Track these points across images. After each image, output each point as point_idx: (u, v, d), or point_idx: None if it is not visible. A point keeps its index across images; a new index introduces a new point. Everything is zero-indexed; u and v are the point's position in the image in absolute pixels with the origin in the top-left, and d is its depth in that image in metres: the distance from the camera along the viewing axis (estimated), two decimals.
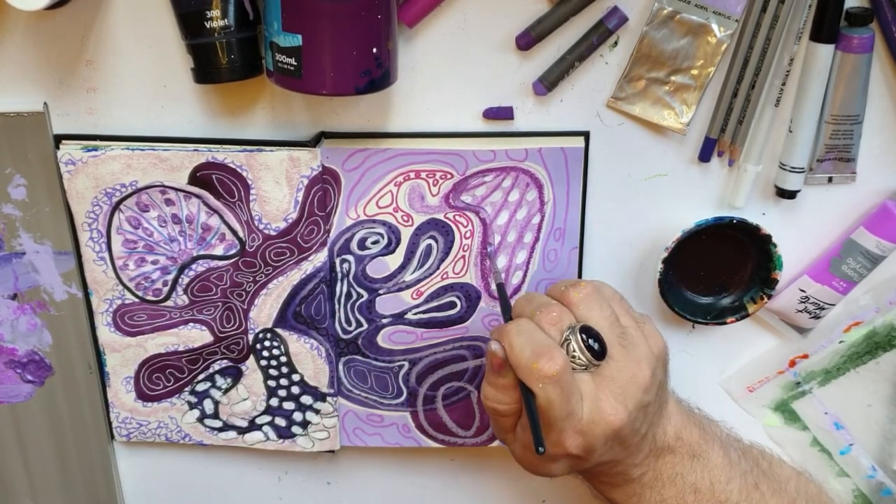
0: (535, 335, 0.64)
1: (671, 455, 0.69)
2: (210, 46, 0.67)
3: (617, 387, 0.65)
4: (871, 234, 0.75)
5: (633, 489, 0.69)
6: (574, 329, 0.65)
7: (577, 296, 0.67)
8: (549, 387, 0.62)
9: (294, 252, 0.76)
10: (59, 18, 0.70)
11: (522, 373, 0.64)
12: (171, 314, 0.78)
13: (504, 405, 0.67)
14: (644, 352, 0.67)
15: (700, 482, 0.69)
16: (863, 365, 0.81)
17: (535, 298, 0.68)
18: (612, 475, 0.69)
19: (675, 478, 0.69)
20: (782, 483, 0.74)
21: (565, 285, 0.69)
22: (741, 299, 0.78)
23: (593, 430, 0.64)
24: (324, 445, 0.83)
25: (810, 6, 0.69)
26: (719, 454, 0.71)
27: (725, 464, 0.71)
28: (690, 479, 0.69)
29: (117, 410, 0.82)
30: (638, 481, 0.69)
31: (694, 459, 0.70)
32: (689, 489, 0.69)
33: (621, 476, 0.69)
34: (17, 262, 0.77)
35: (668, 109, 0.72)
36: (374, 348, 0.80)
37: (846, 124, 0.72)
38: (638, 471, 0.69)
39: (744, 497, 0.70)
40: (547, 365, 0.62)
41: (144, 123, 0.73)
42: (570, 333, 0.65)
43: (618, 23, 0.69)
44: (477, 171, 0.73)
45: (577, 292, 0.67)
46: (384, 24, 0.64)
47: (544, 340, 0.64)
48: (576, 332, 0.65)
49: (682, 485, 0.69)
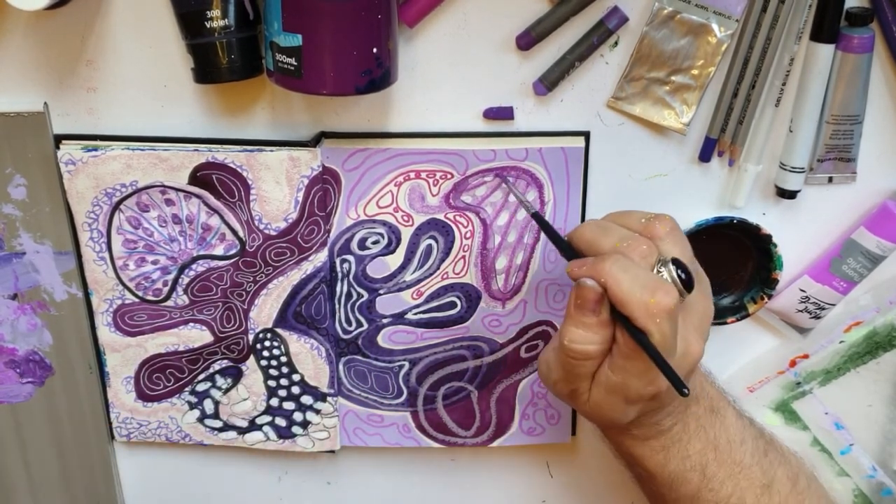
0: (639, 271, 0.61)
1: (696, 405, 0.68)
2: (210, 46, 0.67)
3: (696, 319, 0.65)
4: (871, 234, 0.75)
5: (662, 443, 0.68)
6: (666, 262, 0.63)
7: (663, 229, 0.65)
8: (665, 322, 0.60)
9: (294, 252, 0.76)
10: (59, 18, 0.70)
11: (637, 309, 0.60)
12: (172, 314, 0.78)
13: (596, 345, 0.63)
14: (707, 287, 0.67)
15: (719, 439, 0.69)
16: (863, 365, 0.81)
17: (610, 228, 0.65)
18: (647, 426, 0.68)
19: (699, 431, 0.68)
20: (785, 456, 0.74)
21: (645, 217, 0.66)
22: (741, 299, 0.78)
23: (682, 363, 0.63)
24: (324, 445, 0.83)
25: (810, 6, 0.69)
26: (733, 414, 0.71)
27: (739, 424, 0.70)
28: (711, 434, 0.69)
29: (117, 410, 0.82)
30: (667, 433, 0.68)
31: (713, 414, 0.69)
32: (710, 445, 0.69)
33: (655, 427, 0.68)
34: (18, 262, 0.77)
35: (668, 109, 0.72)
36: (374, 348, 0.80)
37: (846, 124, 0.72)
38: (669, 420, 0.67)
39: (755, 461, 0.70)
40: (665, 299, 0.60)
41: (144, 123, 0.73)
42: (662, 266, 0.63)
43: (618, 23, 0.69)
44: (477, 171, 0.73)
45: (663, 226, 0.65)
46: (384, 23, 0.64)
47: (652, 275, 0.61)
48: (668, 264, 0.63)
49: (704, 440, 0.69)
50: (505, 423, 0.82)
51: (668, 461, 0.69)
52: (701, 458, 0.69)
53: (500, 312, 0.78)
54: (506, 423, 0.82)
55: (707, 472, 0.69)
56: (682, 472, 0.69)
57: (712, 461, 0.69)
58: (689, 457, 0.69)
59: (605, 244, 0.64)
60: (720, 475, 0.69)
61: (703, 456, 0.69)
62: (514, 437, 0.82)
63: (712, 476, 0.69)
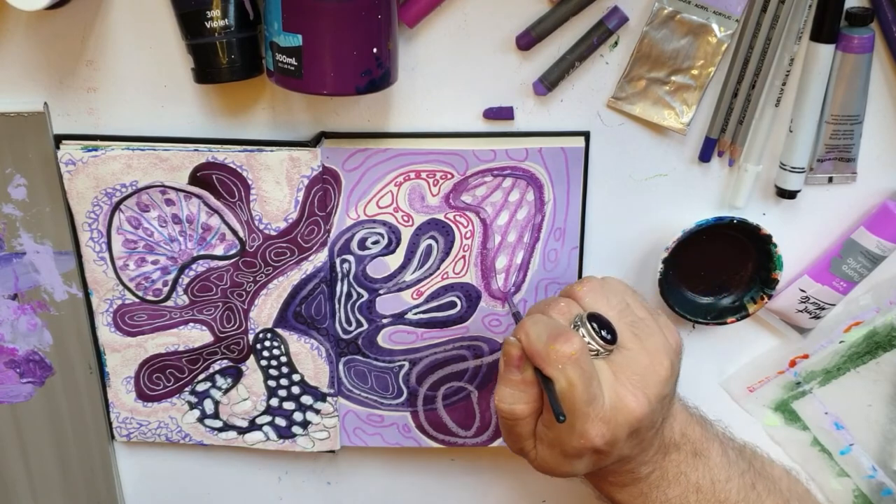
0: (549, 321, 0.65)
1: (676, 453, 0.69)
2: (210, 46, 0.67)
3: (634, 375, 0.64)
4: (871, 234, 0.75)
5: (640, 489, 0.69)
6: (581, 317, 0.65)
7: (581, 289, 0.67)
8: (569, 367, 0.62)
9: (294, 252, 0.76)
10: (59, 18, 0.70)
11: (540, 358, 0.63)
12: (172, 314, 0.78)
13: (522, 404, 0.65)
14: (661, 342, 0.66)
15: (702, 481, 0.69)
16: (863, 365, 0.81)
17: (543, 300, 0.69)
18: (622, 474, 0.69)
19: (679, 476, 0.69)
20: (776, 482, 0.74)
21: (571, 284, 0.69)
22: (741, 299, 0.78)
23: (616, 417, 0.63)
24: (324, 445, 0.83)
25: (810, 6, 0.69)
26: (719, 452, 0.71)
27: (724, 462, 0.71)
28: (693, 477, 0.69)
29: (117, 410, 0.82)
30: (645, 480, 0.69)
31: (696, 457, 0.70)
32: (692, 488, 0.69)
33: (630, 475, 0.69)
34: (18, 262, 0.77)
35: (668, 109, 0.72)
36: (374, 348, 0.80)
37: (846, 124, 0.72)
38: (646, 469, 0.68)
39: (742, 497, 0.70)
40: (564, 345, 0.62)
41: (145, 123, 0.73)
42: (579, 321, 0.65)
43: (618, 23, 0.69)
44: (477, 171, 0.73)
45: (580, 286, 0.68)
46: (384, 24, 0.64)
47: (559, 325, 0.64)
48: (583, 319, 0.65)
49: (685, 484, 0.69)
50: None
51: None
52: (682, 501, 0.70)
53: (500, 312, 0.78)
54: None
55: None
56: None
57: (694, 503, 0.69)
58: (668, 500, 0.69)
59: (535, 310, 0.68)
60: None
61: (685, 499, 0.70)
62: None
63: None
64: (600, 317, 0.65)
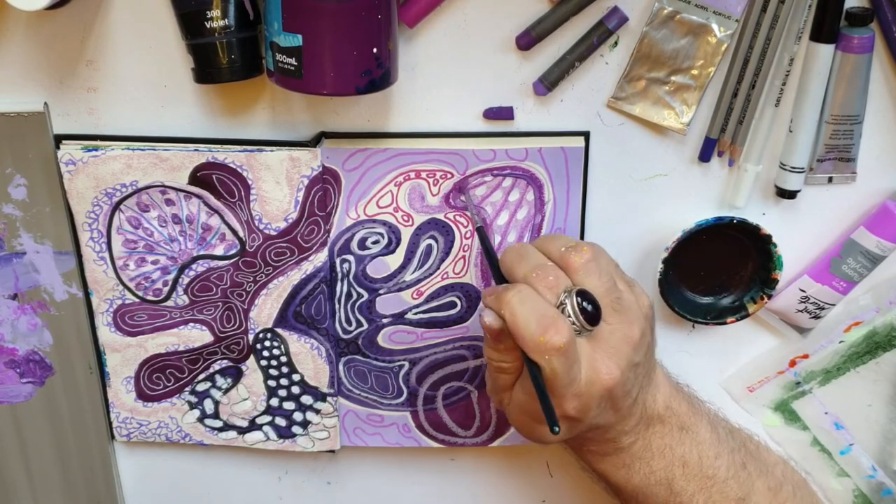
0: (538, 304, 0.62)
1: (661, 425, 0.69)
2: (210, 46, 0.67)
3: (610, 347, 0.64)
4: (871, 234, 0.75)
5: (623, 459, 0.69)
6: (570, 293, 0.63)
7: (578, 260, 0.65)
8: (556, 358, 0.61)
9: (294, 252, 0.76)
10: (59, 18, 0.70)
11: (527, 346, 0.61)
12: (172, 314, 0.78)
13: (507, 363, 0.65)
14: (636, 313, 0.66)
15: (688, 455, 0.69)
16: (863, 365, 0.81)
17: (527, 255, 0.66)
18: (603, 443, 0.68)
19: (664, 449, 0.69)
20: (769, 466, 0.73)
21: (565, 246, 0.66)
22: (741, 299, 0.78)
23: (589, 390, 0.63)
24: (324, 445, 0.83)
25: (810, 6, 0.69)
26: (707, 429, 0.70)
27: (714, 439, 0.70)
28: (679, 451, 0.69)
29: (117, 410, 0.82)
30: (627, 451, 0.68)
31: (683, 431, 0.69)
32: (677, 462, 0.69)
33: (612, 444, 0.68)
34: (18, 262, 0.77)
35: (668, 109, 0.72)
36: (374, 348, 0.80)
37: (846, 124, 0.72)
38: (628, 439, 0.68)
39: (731, 474, 0.70)
40: (554, 338, 0.61)
41: (145, 123, 0.73)
42: (567, 297, 0.63)
43: (618, 23, 0.69)
44: (477, 171, 0.73)
45: (578, 257, 0.65)
46: (384, 24, 0.64)
47: (548, 310, 0.62)
48: (572, 295, 0.63)
49: (670, 457, 0.69)
50: (505, 423, 0.82)
51: (630, 476, 0.69)
52: (667, 474, 0.69)
53: None
54: (506, 422, 0.82)
55: (674, 486, 0.69)
56: (648, 486, 0.69)
57: (680, 477, 0.69)
58: (653, 472, 0.69)
59: (518, 272, 0.65)
60: (689, 489, 0.70)
61: (669, 472, 0.69)
62: (514, 437, 0.82)
63: (681, 491, 0.69)
64: (588, 294, 0.63)
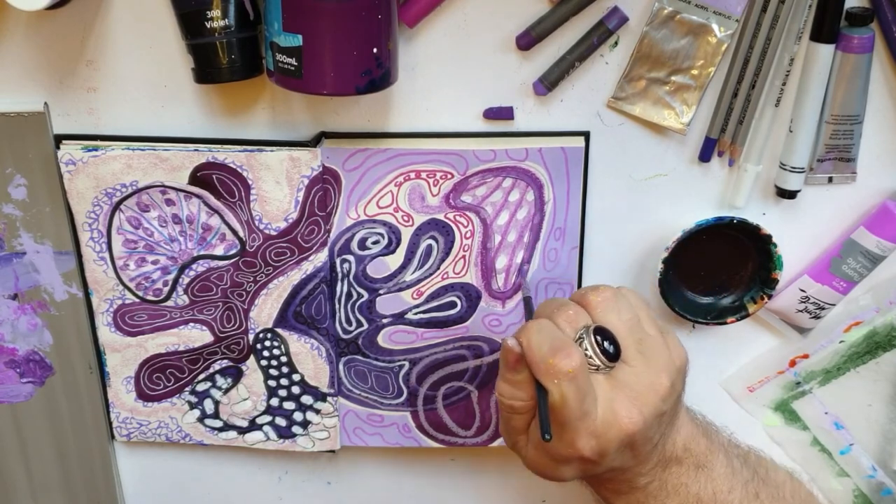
0: (554, 332, 0.64)
1: (678, 466, 0.69)
2: (210, 46, 0.67)
3: (633, 392, 0.64)
4: (871, 234, 0.75)
5: (637, 498, 0.69)
6: (588, 329, 0.64)
7: (595, 299, 0.66)
8: (565, 383, 0.61)
9: (294, 252, 0.76)
10: (59, 18, 0.70)
11: (538, 368, 0.62)
12: (172, 314, 0.78)
13: (520, 402, 0.65)
14: (665, 361, 0.65)
15: (703, 492, 0.69)
16: (863, 365, 0.81)
17: (555, 301, 0.68)
18: (619, 482, 0.68)
19: (679, 488, 0.69)
20: (779, 489, 0.73)
21: (586, 289, 0.68)
22: (741, 299, 0.78)
23: (607, 433, 0.63)
24: (324, 445, 0.83)
25: (810, 6, 0.69)
26: (723, 463, 0.70)
27: (728, 473, 0.70)
28: (694, 489, 0.69)
29: (117, 410, 0.82)
30: (643, 490, 0.68)
31: (699, 470, 0.69)
32: (692, 499, 0.69)
33: (627, 484, 0.68)
34: (18, 262, 0.77)
35: (668, 109, 0.72)
36: (374, 348, 0.80)
37: (846, 124, 0.72)
38: (644, 480, 0.68)
39: None
40: (564, 361, 0.61)
41: (145, 123, 0.73)
42: (584, 333, 0.64)
43: (618, 23, 0.69)
44: (477, 171, 0.73)
45: (595, 295, 0.66)
46: (384, 24, 0.64)
47: (562, 337, 0.63)
48: (589, 332, 0.64)
49: (685, 494, 0.69)
50: None
51: None
52: None
53: (500, 312, 0.78)
54: None
55: None
56: None
57: None
58: None
59: (545, 313, 0.67)
60: None
61: None
62: None
63: None
64: (606, 331, 0.64)
